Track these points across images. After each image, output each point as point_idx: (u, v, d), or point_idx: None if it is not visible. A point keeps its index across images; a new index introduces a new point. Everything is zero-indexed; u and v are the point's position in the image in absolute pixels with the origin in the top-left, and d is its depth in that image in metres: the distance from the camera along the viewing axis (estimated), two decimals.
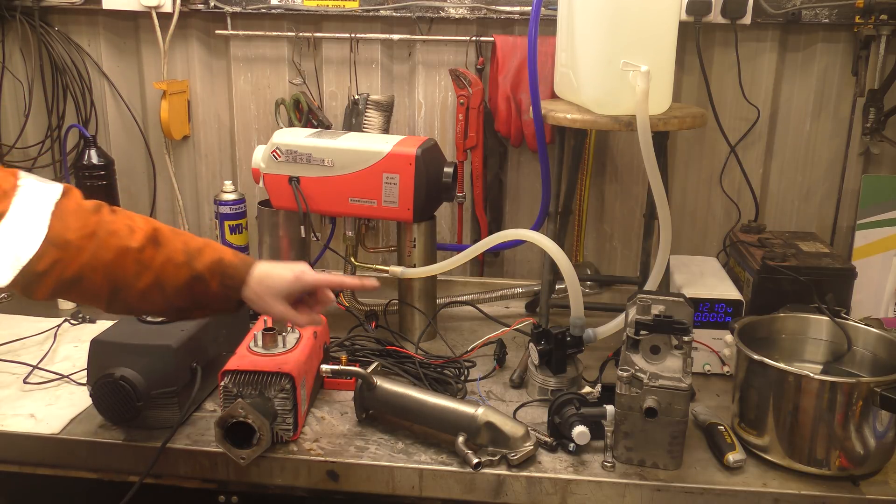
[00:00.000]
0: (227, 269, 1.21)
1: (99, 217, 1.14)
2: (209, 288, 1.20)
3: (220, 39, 2.09)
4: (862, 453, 1.24)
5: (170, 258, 1.17)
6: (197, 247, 1.20)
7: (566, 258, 1.51)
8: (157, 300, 1.18)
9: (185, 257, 1.18)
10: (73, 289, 1.13)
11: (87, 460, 1.36)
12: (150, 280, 1.16)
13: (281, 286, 1.23)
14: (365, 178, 1.66)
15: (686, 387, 1.25)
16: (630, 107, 1.47)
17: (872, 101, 1.89)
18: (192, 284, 1.18)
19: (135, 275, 1.15)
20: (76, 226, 1.11)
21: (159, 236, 1.18)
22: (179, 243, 1.19)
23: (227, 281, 1.21)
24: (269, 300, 1.23)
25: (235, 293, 1.22)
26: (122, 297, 1.16)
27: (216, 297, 1.22)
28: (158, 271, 1.16)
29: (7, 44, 2.13)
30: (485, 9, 1.95)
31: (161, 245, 1.17)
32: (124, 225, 1.16)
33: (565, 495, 1.27)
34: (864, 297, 1.79)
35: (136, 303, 1.18)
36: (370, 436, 1.38)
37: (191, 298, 1.20)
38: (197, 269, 1.18)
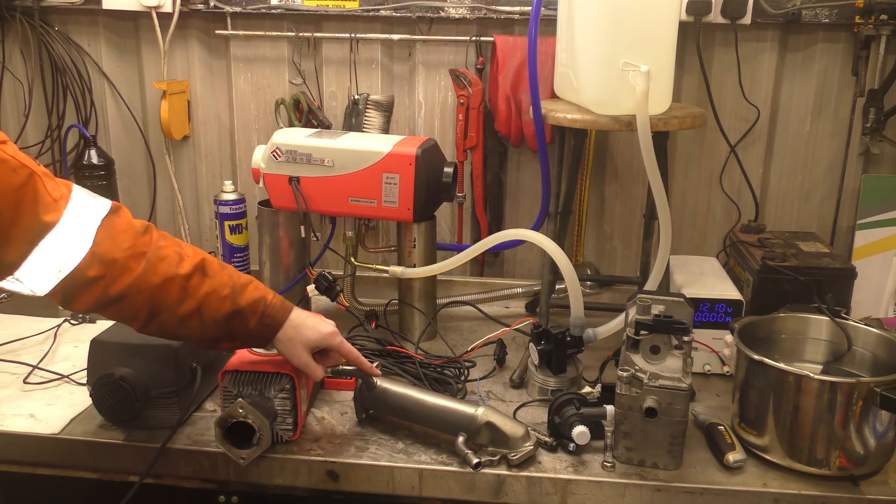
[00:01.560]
0: (269, 308, 1.25)
1: (149, 239, 1.17)
2: (247, 324, 1.24)
3: (220, 39, 2.09)
4: (862, 453, 1.24)
5: (215, 290, 1.20)
6: (241, 283, 1.24)
7: (566, 258, 1.51)
8: (193, 328, 1.21)
9: (229, 290, 1.22)
10: (113, 306, 1.16)
11: (87, 460, 1.36)
12: (191, 308, 1.19)
13: (313, 339, 1.29)
14: (365, 178, 1.66)
15: (686, 387, 1.25)
16: (630, 107, 1.47)
17: (872, 101, 1.89)
18: (231, 318, 1.22)
19: (178, 301, 1.18)
20: (125, 245, 1.14)
21: (207, 267, 1.21)
22: (226, 276, 1.23)
23: (266, 320, 1.25)
24: (299, 348, 1.28)
25: (272, 332, 1.27)
26: (160, 321, 1.19)
27: (251, 333, 1.25)
28: (202, 301, 1.19)
29: (7, 44, 2.13)
30: (485, 9, 1.95)
31: (208, 276, 1.20)
32: (174, 252, 1.19)
33: (565, 495, 1.27)
34: (864, 297, 1.79)
35: (172, 328, 1.21)
36: (370, 436, 1.38)
37: (227, 330, 1.23)
38: (239, 304, 1.22)
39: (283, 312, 1.27)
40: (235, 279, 1.24)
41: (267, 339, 1.28)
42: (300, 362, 1.30)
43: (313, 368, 1.31)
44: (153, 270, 1.15)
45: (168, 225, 2.26)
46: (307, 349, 1.29)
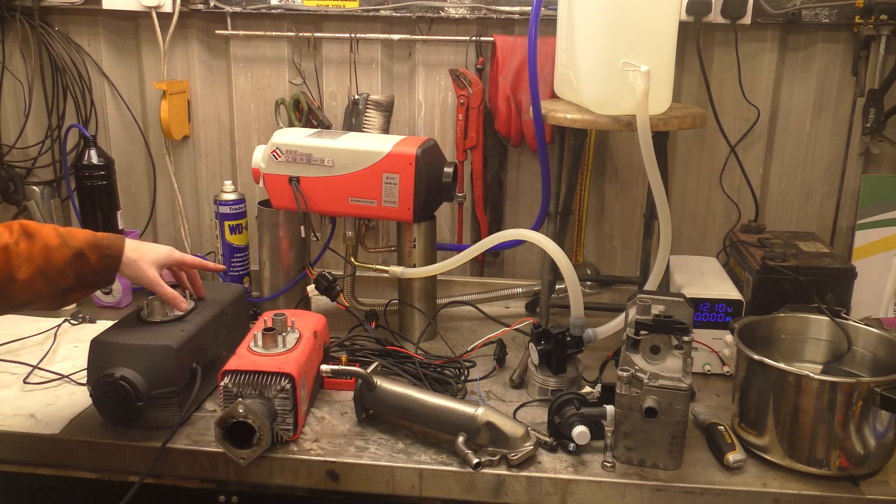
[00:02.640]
0: (103, 240, 1.34)
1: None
2: (89, 262, 1.31)
3: (220, 39, 2.09)
4: (862, 453, 1.24)
5: (46, 244, 1.27)
6: (67, 230, 1.32)
7: (566, 258, 1.51)
8: (40, 287, 1.27)
9: (59, 240, 1.29)
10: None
11: (87, 460, 1.37)
12: (31, 269, 1.25)
13: (155, 256, 1.41)
14: (365, 178, 1.66)
15: (686, 387, 1.25)
16: (630, 107, 1.47)
17: (872, 101, 1.89)
18: (73, 262, 1.29)
19: (16, 268, 1.24)
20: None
21: (29, 229, 1.28)
22: (50, 229, 1.30)
23: (105, 251, 1.33)
24: (144, 266, 1.38)
25: (115, 262, 1.35)
26: (6, 294, 1.24)
27: (97, 269, 1.33)
28: (40, 259, 1.26)
29: (7, 44, 2.13)
30: (485, 9, 1.95)
31: (33, 236, 1.27)
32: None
33: (565, 495, 1.27)
34: (864, 297, 1.79)
35: (20, 296, 1.26)
36: (370, 436, 1.38)
37: (73, 276, 1.30)
38: (75, 247, 1.29)
39: (119, 241, 1.36)
40: (59, 230, 1.31)
41: (112, 269, 1.35)
42: (150, 279, 1.38)
43: (163, 285, 1.40)
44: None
45: (168, 225, 2.26)
46: (153, 267, 1.39)
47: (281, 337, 1.41)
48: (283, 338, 1.41)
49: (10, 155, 2.18)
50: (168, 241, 2.27)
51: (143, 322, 1.43)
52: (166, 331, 1.39)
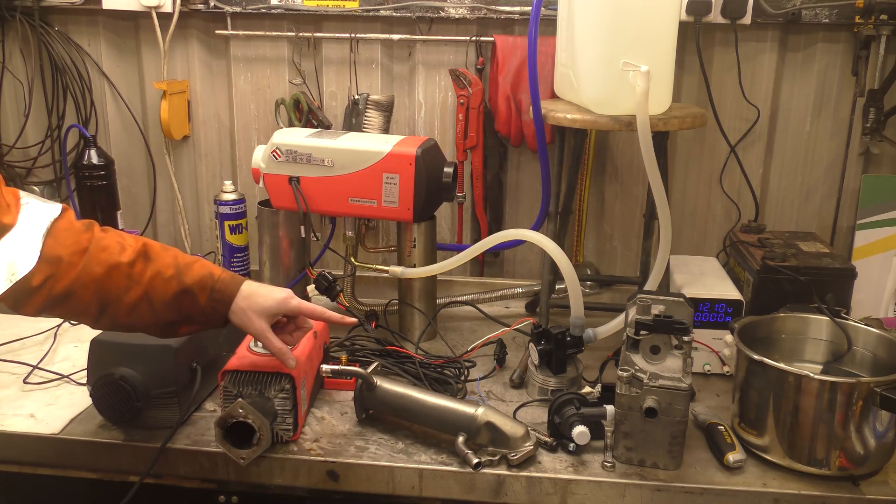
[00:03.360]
0: (217, 283, 1.24)
1: (90, 234, 1.17)
2: (197, 302, 1.22)
3: (220, 39, 2.09)
4: (862, 453, 1.24)
5: (159, 272, 1.19)
6: (186, 262, 1.23)
7: (566, 258, 1.51)
8: (145, 315, 1.20)
9: (174, 271, 1.20)
10: (62, 304, 1.15)
11: (87, 460, 1.37)
12: (138, 294, 1.18)
13: (267, 305, 1.26)
14: (365, 178, 1.66)
15: (686, 387, 1.25)
16: (630, 107, 1.47)
17: (872, 101, 1.89)
18: (180, 298, 1.21)
19: (124, 289, 1.17)
20: (68, 242, 1.14)
21: (149, 251, 1.20)
22: (169, 258, 1.22)
23: (215, 295, 1.23)
24: (253, 316, 1.25)
25: (224, 307, 1.25)
26: (111, 313, 1.18)
27: (204, 311, 1.24)
28: (147, 286, 1.18)
29: (7, 44, 2.13)
30: (485, 9, 1.95)
31: (151, 260, 1.20)
32: (115, 242, 1.18)
33: (565, 495, 1.27)
34: (864, 297, 1.79)
35: (124, 318, 1.20)
36: (370, 436, 1.38)
37: (179, 312, 1.22)
38: (186, 283, 1.21)
39: (234, 285, 1.25)
40: (179, 259, 1.22)
41: (221, 314, 1.25)
42: (257, 331, 1.26)
43: (271, 339, 1.27)
44: (95, 261, 1.15)
45: (168, 225, 2.26)
46: (263, 317, 1.26)
47: None
48: None
49: (10, 155, 2.18)
50: (168, 241, 2.26)
51: None
52: None
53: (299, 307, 1.30)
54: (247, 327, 1.26)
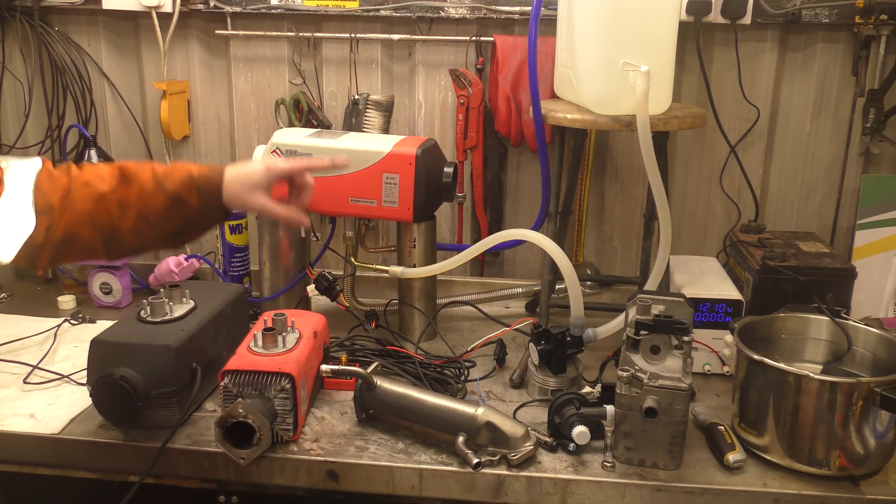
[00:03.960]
0: (199, 181, 1.26)
1: (69, 176, 1.20)
2: (190, 205, 1.25)
3: (220, 39, 2.09)
4: (862, 453, 1.24)
5: (143, 189, 1.22)
6: (164, 171, 1.25)
7: (566, 258, 1.51)
8: (148, 233, 1.24)
9: (154, 184, 1.23)
10: (68, 249, 1.19)
11: (87, 460, 1.37)
12: (133, 216, 1.21)
13: (255, 178, 1.29)
14: (365, 178, 1.66)
15: (686, 387, 1.25)
16: (630, 107, 1.47)
17: (872, 101, 1.89)
18: (172, 207, 1.23)
19: (119, 216, 1.21)
20: (51, 189, 1.17)
21: (127, 173, 1.23)
22: (147, 173, 1.24)
23: (203, 192, 1.25)
24: (248, 195, 1.28)
25: (216, 201, 1.27)
26: (117, 242, 1.22)
27: (200, 211, 1.26)
28: (138, 206, 1.21)
29: (7, 44, 2.13)
30: (485, 9, 1.95)
31: (131, 181, 1.22)
32: (93, 175, 1.21)
33: (565, 495, 1.27)
34: (864, 297, 1.79)
35: (131, 243, 1.24)
36: (370, 436, 1.38)
37: (178, 220, 1.25)
38: (171, 192, 1.23)
39: (216, 177, 1.27)
40: (157, 171, 1.24)
41: (217, 207, 1.28)
42: (259, 207, 1.29)
43: (275, 209, 1.31)
44: (81, 198, 1.18)
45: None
46: (258, 191, 1.29)
47: (281, 337, 1.41)
48: (283, 338, 1.41)
49: (10, 155, 2.18)
50: None
51: (143, 322, 1.43)
52: (166, 331, 1.39)
53: (286, 167, 1.33)
54: (248, 207, 1.30)
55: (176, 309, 1.47)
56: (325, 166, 1.38)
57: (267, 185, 1.30)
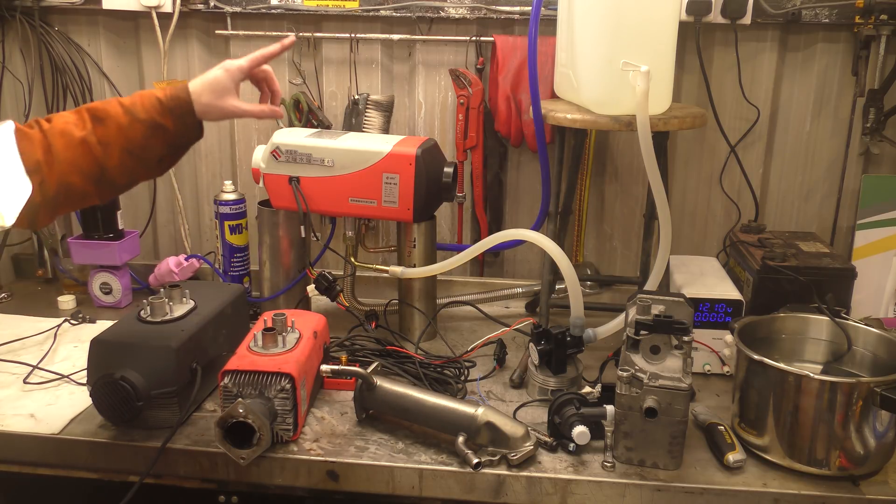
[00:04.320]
0: (169, 103, 1.27)
1: (40, 131, 1.20)
2: (167, 129, 1.27)
3: (220, 39, 2.09)
4: (862, 453, 1.24)
5: (118, 124, 1.23)
6: (132, 102, 1.26)
7: (566, 258, 1.51)
8: (134, 167, 1.26)
9: (128, 117, 1.24)
10: (64, 200, 1.21)
11: (87, 460, 1.37)
12: (117, 153, 1.23)
13: (221, 84, 1.31)
14: (365, 178, 1.66)
15: (686, 387, 1.25)
16: (630, 107, 1.47)
17: (872, 101, 1.89)
18: (151, 135, 1.25)
19: (104, 156, 1.22)
20: (31, 147, 1.18)
21: (97, 113, 1.24)
22: (116, 107, 1.25)
23: (176, 112, 1.27)
24: (219, 102, 1.30)
25: (191, 118, 1.29)
26: (108, 181, 1.25)
27: (178, 132, 1.29)
28: (119, 141, 1.23)
29: (7, 44, 2.13)
30: (485, 9, 1.95)
31: (104, 120, 1.23)
32: (63, 123, 1.22)
33: (565, 495, 1.27)
34: (864, 297, 1.79)
35: (120, 179, 1.27)
36: (370, 436, 1.38)
37: (159, 146, 1.28)
38: (144, 119, 1.24)
39: (184, 94, 1.29)
40: (124, 104, 1.26)
41: (193, 124, 1.30)
42: (232, 110, 1.32)
43: (248, 108, 1.34)
44: (63, 148, 1.20)
45: (168, 225, 2.26)
46: (226, 95, 1.31)
47: (281, 337, 1.41)
48: (283, 338, 1.41)
49: None
50: (168, 241, 2.27)
51: (143, 322, 1.43)
52: (166, 331, 1.40)
53: (243, 63, 1.35)
54: (223, 114, 1.32)
55: (176, 309, 1.47)
56: (276, 51, 1.40)
57: (233, 87, 1.33)
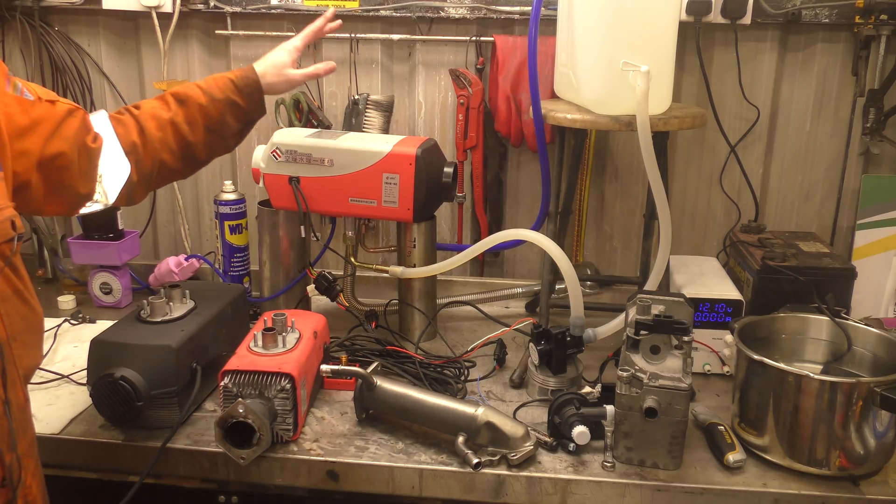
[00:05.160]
0: (240, 82, 1.49)
1: (132, 115, 1.38)
2: (241, 106, 1.48)
3: (220, 39, 2.09)
4: (862, 453, 1.24)
5: (200, 104, 1.43)
6: (207, 86, 1.46)
7: (566, 258, 1.51)
8: (215, 142, 1.48)
9: (206, 98, 1.44)
10: (157, 177, 1.41)
11: (87, 460, 1.37)
12: (202, 130, 1.43)
13: (283, 62, 1.55)
14: (365, 178, 1.66)
15: (686, 387, 1.25)
16: (630, 107, 1.47)
17: (872, 101, 1.89)
18: (228, 112, 1.46)
19: (190, 133, 1.42)
20: (125, 130, 1.34)
21: (180, 96, 1.43)
22: (195, 90, 1.45)
23: (246, 91, 1.49)
24: (284, 78, 1.55)
25: (259, 94, 1.52)
26: (192, 157, 1.45)
27: (248, 109, 1.51)
28: (203, 119, 1.43)
29: (7, 44, 2.13)
30: (485, 9, 1.95)
31: (186, 101, 1.43)
32: (151, 107, 1.41)
33: (565, 495, 1.27)
34: (864, 297, 1.79)
35: (202, 154, 1.47)
36: (370, 436, 1.38)
37: (234, 122, 1.49)
38: (221, 98, 1.45)
39: (253, 75, 1.51)
40: (201, 86, 1.46)
41: (260, 102, 1.52)
42: (298, 80, 1.58)
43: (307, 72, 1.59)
44: (155, 128, 1.38)
45: (168, 225, 2.26)
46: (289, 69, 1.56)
47: (281, 337, 1.41)
48: (283, 338, 1.41)
49: None
50: (168, 241, 2.27)
51: (143, 322, 1.43)
52: (166, 331, 1.40)
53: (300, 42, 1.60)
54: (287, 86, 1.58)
55: (176, 309, 1.47)
56: (322, 25, 1.63)
57: (291, 63, 1.56)
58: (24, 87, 1.12)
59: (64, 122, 1.17)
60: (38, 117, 1.12)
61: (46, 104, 1.15)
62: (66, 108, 1.19)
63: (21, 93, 1.11)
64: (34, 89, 1.14)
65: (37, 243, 2.10)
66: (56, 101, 1.18)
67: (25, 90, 1.12)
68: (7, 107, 1.07)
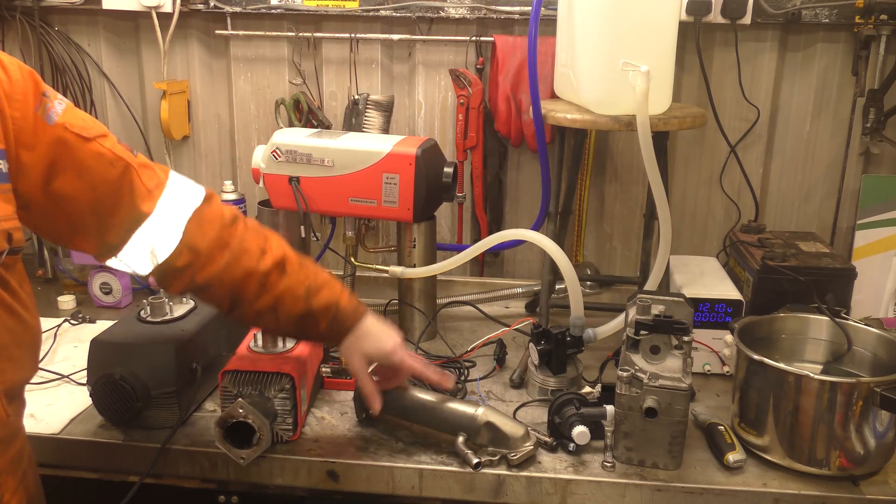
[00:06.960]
0: (339, 314, 1.26)
1: (235, 230, 1.21)
2: (318, 327, 1.25)
3: (220, 39, 2.09)
4: (862, 453, 1.24)
5: (290, 288, 1.22)
6: (317, 284, 1.24)
7: (566, 258, 1.51)
8: (269, 322, 1.25)
9: (304, 291, 1.23)
10: (200, 293, 1.22)
11: (87, 460, 1.37)
12: (267, 304, 1.21)
13: (371, 352, 1.29)
14: (365, 178, 1.66)
15: (686, 387, 1.25)
16: (630, 107, 1.47)
17: (872, 101, 1.89)
18: (304, 319, 1.23)
19: (255, 296, 1.20)
20: (211, 235, 1.18)
21: (287, 264, 1.23)
22: (303, 276, 1.24)
23: (335, 325, 1.26)
24: (357, 356, 1.28)
25: (339, 337, 1.28)
26: (240, 312, 1.23)
27: (321, 335, 1.30)
28: (277, 298, 1.21)
29: (7, 44, 2.13)
30: (485, 9, 1.95)
31: (286, 274, 1.22)
32: (257, 245, 1.21)
33: (565, 495, 1.27)
34: (864, 297, 1.79)
35: (250, 320, 1.26)
36: (370, 436, 1.38)
37: (299, 331, 1.28)
38: (312, 307, 1.23)
39: (353, 319, 1.27)
40: (312, 279, 1.24)
41: (336, 342, 1.30)
42: (356, 369, 1.29)
43: (365, 380, 1.30)
44: (236, 263, 1.18)
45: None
46: (364, 360, 1.29)
47: None
48: None
49: None
50: None
51: (143, 322, 1.43)
52: (166, 331, 1.39)
53: (401, 363, 1.30)
54: (349, 361, 1.30)
55: (176, 309, 1.47)
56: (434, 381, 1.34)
57: (378, 360, 1.30)
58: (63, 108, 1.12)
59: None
60: None
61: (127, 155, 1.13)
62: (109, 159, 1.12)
63: (49, 112, 1.11)
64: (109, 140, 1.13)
65: (37, 243, 2.10)
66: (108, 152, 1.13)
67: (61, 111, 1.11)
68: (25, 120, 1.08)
